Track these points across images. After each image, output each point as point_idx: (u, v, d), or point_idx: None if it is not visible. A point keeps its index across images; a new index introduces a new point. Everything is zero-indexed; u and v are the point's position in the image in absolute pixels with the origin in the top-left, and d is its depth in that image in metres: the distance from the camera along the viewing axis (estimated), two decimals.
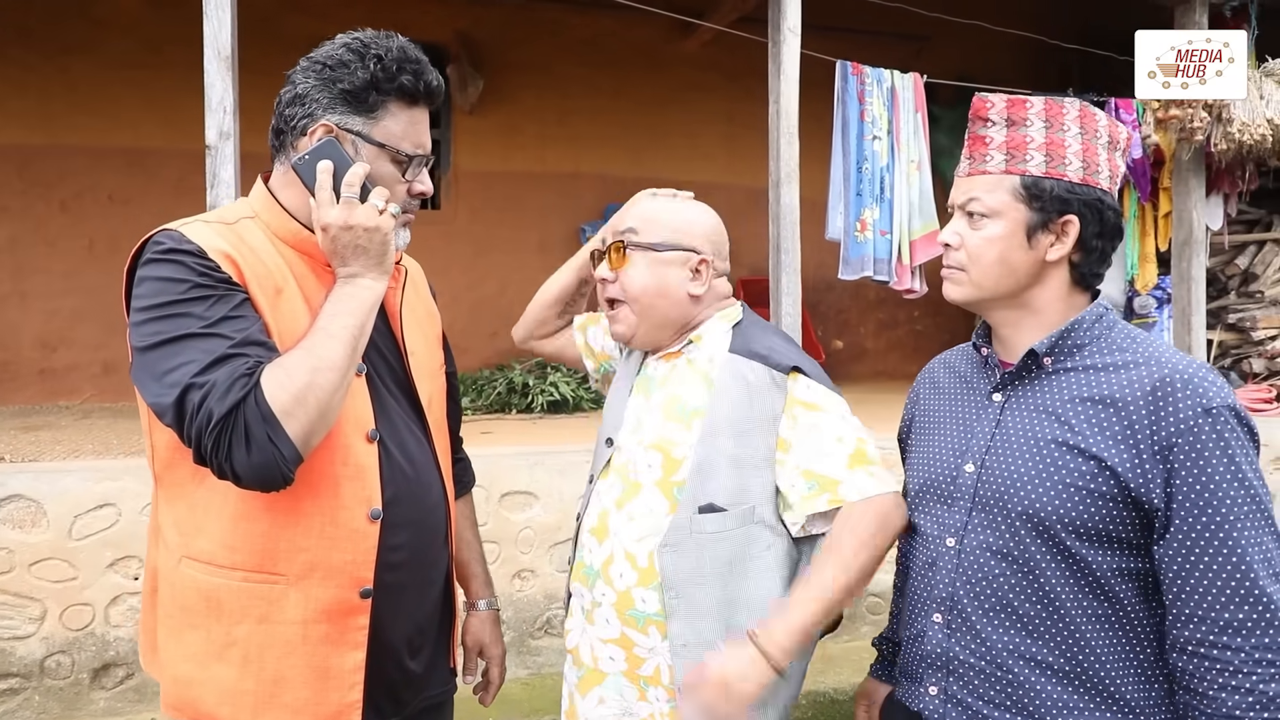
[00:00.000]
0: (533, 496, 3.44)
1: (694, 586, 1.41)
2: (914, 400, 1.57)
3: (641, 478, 1.48)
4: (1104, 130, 1.31)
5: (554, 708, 3.19)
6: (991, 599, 1.28)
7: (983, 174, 1.33)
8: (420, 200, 1.45)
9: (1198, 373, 1.21)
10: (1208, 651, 1.16)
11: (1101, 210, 1.29)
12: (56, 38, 5.14)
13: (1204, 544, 1.16)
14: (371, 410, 1.37)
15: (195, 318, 1.21)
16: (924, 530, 1.40)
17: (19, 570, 3.01)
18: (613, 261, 1.56)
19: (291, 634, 1.30)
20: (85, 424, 4.41)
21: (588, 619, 1.52)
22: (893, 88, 4.23)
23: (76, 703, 3.06)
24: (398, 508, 1.38)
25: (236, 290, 1.26)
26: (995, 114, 1.34)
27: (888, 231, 4.19)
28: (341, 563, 1.32)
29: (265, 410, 1.16)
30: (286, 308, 1.31)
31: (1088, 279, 1.33)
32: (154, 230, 1.32)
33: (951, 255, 1.36)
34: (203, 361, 1.18)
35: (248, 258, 1.30)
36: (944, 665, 1.33)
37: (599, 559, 1.50)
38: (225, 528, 1.29)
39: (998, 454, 1.31)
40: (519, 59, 5.75)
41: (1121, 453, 1.21)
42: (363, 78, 1.32)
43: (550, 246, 6.02)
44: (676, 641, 1.41)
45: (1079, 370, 1.29)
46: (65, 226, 5.26)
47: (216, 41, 3.11)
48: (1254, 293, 5.41)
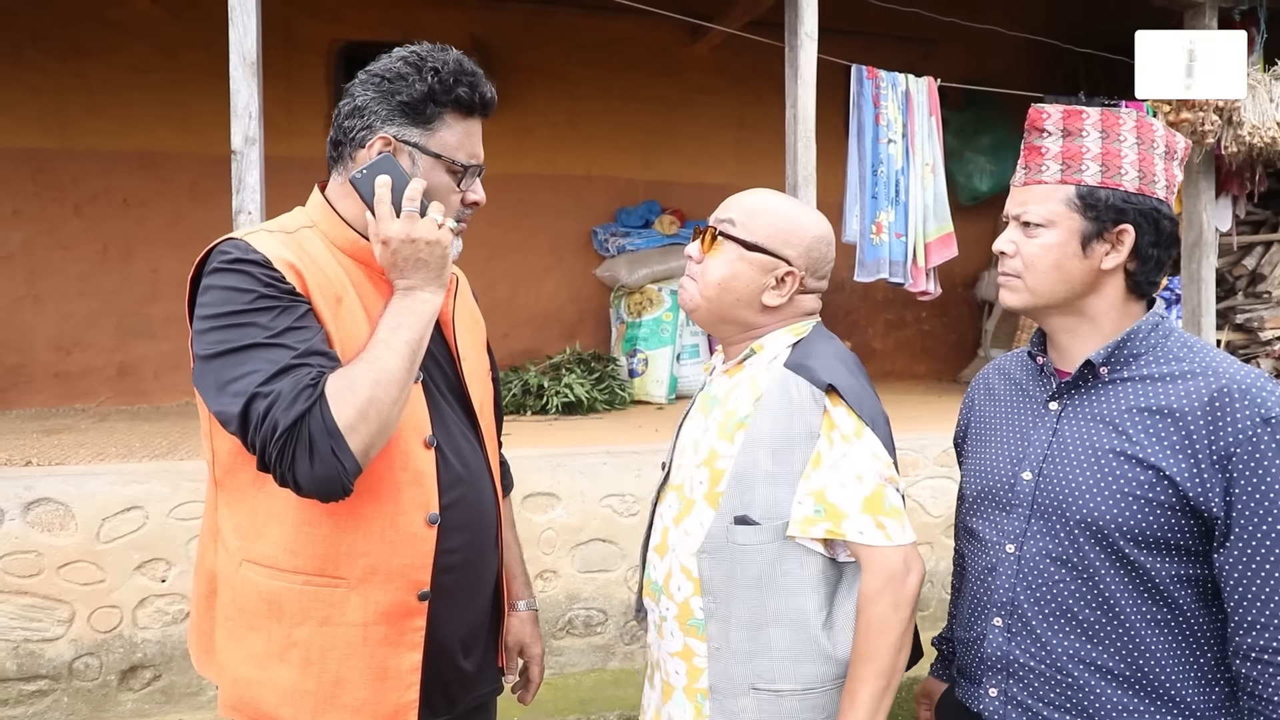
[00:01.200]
0: (555, 498, 3.47)
1: (728, 594, 1.42)
2: (969, 406, 1.58)
3: (694, 494, 1.49)
4: (1160, 140, 1.32)
5: (577, 707, 3.22)
6: (1051, 604, 1.30)
7: (1039, 183, 1.34)
8: (474, 210, 1.47)
9: (1255, 382, 1.22)
10: (1271, 658, 1.17)
11: (1158, 219, 1.30)
12: (71, 41, 5.16)
13: (1265, 551, 1.17)
14: (429, 417, 1.40)
15: (260, 328, 1.24)
16: (983, 536, 1.42)
17: (48, 573, 3.03)
18: (705, 245, 1.52)
19: (352, 636, 1.33)
20: (105, 427, 4.43)
21: (659, 633, 1.55)
22: (907, 91, 4.26)
23: (104, 704, 3.08)
24: (454, 512, 1.41)
25: (300, 301, 1.29)
26: (1051, 124, 1.34)
27: (903, 234, 4.22)
28: (401, 566, 1.35)
29: (330, 424, 1.19)
30: (347, 316, 1.34)
31: (1144, 287, 1.34)
32: (219, 239, 1.34)
33: (1007, 263, 1.37)
34: (268, 371, 1.21)
35: (310, 267, 1.33)
36: (1004, 668, 1.35)
37: (661, 574, 1.53)
38: (287, 532, 1.32)
39: (1055, 462, 1.33)
40: (531, 62, 5.77)
41: (1180, 462, 1.22)
42: (420, 90, 1.35)
43: (562, 249, 6.04)
44: (712, 644, 1.44)
45: (1136, 380, 1.30)
46: (79, 230, 5.27)
47: (241, 47, 3.13)
48: (1261, 293, 5.44)
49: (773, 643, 1.40)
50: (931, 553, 3.95)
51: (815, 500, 1.37)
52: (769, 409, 1.42)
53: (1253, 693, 1.20)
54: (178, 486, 3.14)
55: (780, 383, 1.43)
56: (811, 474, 1.38)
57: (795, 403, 1.41)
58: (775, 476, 1.39)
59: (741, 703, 1.41)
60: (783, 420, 1.41)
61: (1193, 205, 4.63)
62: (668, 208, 5.97)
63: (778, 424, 1.41)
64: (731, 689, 1.42)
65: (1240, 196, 5.01)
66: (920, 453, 3.96)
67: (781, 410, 1.41)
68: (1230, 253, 5.48)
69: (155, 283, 5.37)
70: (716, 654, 1.43)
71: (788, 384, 1.43)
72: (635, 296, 5.57)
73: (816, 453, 1.39)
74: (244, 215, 3.12)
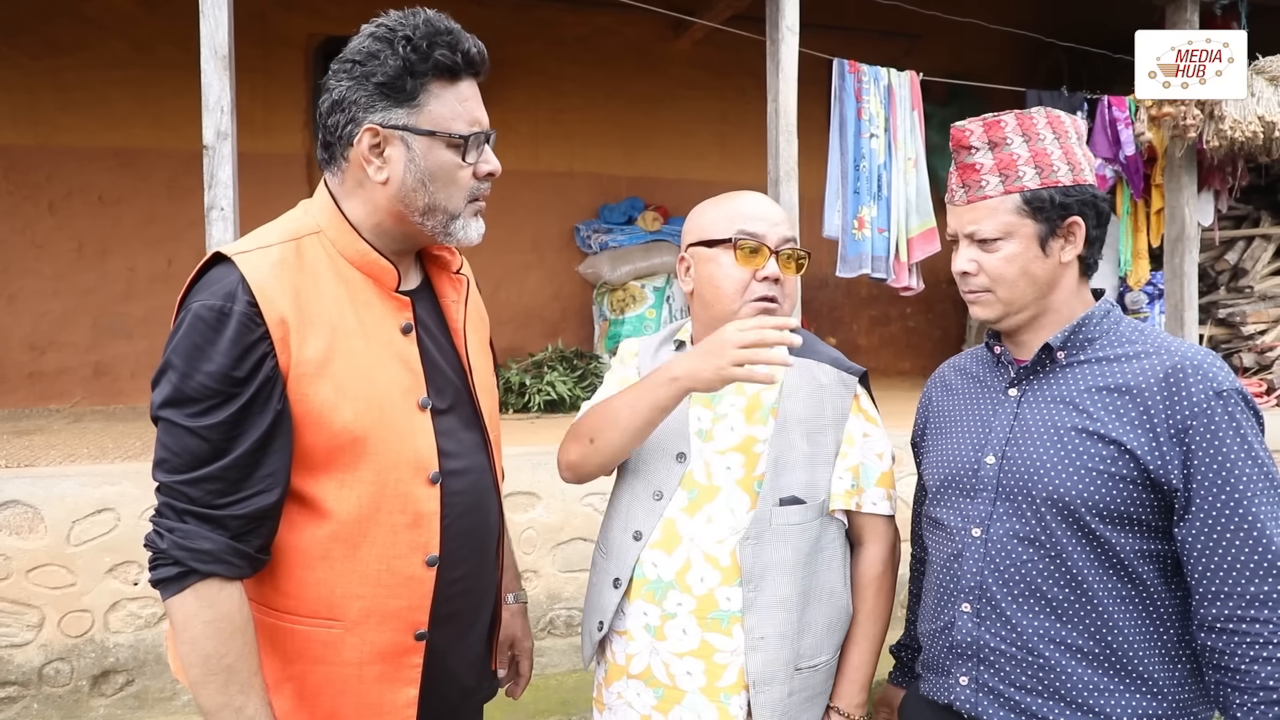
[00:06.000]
0: (535, 497, 3.43)
1: (772, 579, 1.44)
2: (926, 404, 1.61)
3: (719, 480, 1.49)
4: (1070, 128, 1.37)
5: (559, 708, 3.18)
6: (1020, 585, 1.32)
7: (982, 199, 1.36)
8: (491, 181, 1.34)
9: (1206, 359, 1.26)
10: (1236, 626, 1.19)
11: (1096, 204, 1.36)
12: (45, 37, 5.08)
13: (1224, 521, 1.20)
14: (435, 448, 1.31)
15: (199, 437, 1.16)
16: (947, 523, 1.43)
17: (16, 577, 2.97)
18: (791, 269, 1.55)
19: (347, 674, 1.29)
20: (78, 428, 4.36)
21: (657, 635, 1.50)
22: (889, 85, 4.24)
23: (76, 710, 3.03)
24: (459, 544, 1.35)
25: (254, 394, 1.17)
26: (976, 140, 1.38)
27: (885, 229, 4.20)
28: (397, 609, 1.29)
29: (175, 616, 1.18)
30: (344, 345, 1.25)
31: (1091, 269, 1.40)
32: (214, 260, 1.23)
33: (971, 281, 1.39)
34: (177, 490, 1.16)
35: (305, 302, 1.23)
36: (974, 654, 1.36)
37: (670, 570, 1.49)
38: (282, 575, 1.27)
39: (1018, 444, 1.35)
40: (512, 57, 5.72)
41: (1139, 436, 1.25)
42: (395, 65, 1.22)
43: (544, 246, 6.00)
44: (753, 634, 1.44)
45: (1092, 362, 1.34)
46: (54, 228, 5.19)
47: (213, 41, 3.08)
48: (1243, 288, 5.45)
49: (814, 620, 1.48)
50: None
51: (852, 475, 1.51)
52: (797, 393, 1.51)
53: (1218, 664, 1.21)
54: (150, 488, 3.05)
55: (802, 370, 1.52)
56: (848, 452, 1.51)
57: (825, 387, 1.53)
58: (811, 457, 1.48)
59: (788, 687, 1.45)
60: (813, 403, 1.51)
61: (1175, 200, 4.63)
62: (650, 204, 5.94)
63: (808, 406, 1.50)
64: (776, 676, 1.44)
65: (1222, 191, 5.02)
66: (905, 449, 3.93)
67: (812, 393, 1.51)
68: (1212, 248, 5.48)
69: (131, 281, 5.30)
70: (759, 644, 1.43)
71: (812, 370, 1.53)
72: (618, 293, 5.54)
73: (848, 433, 1.52)
74: (216, 211, 3.06)
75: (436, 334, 1.39)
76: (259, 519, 1.19)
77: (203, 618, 1.16)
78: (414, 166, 1.25)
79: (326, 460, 1.24)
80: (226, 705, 1.17)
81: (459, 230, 1.31)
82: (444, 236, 1.31)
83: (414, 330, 1.33)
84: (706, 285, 1.54)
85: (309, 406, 1.21)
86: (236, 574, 1.18)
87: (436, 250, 1.42)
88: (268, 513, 1.20)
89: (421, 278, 1.42)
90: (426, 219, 1.28)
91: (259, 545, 1.21)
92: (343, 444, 1.23)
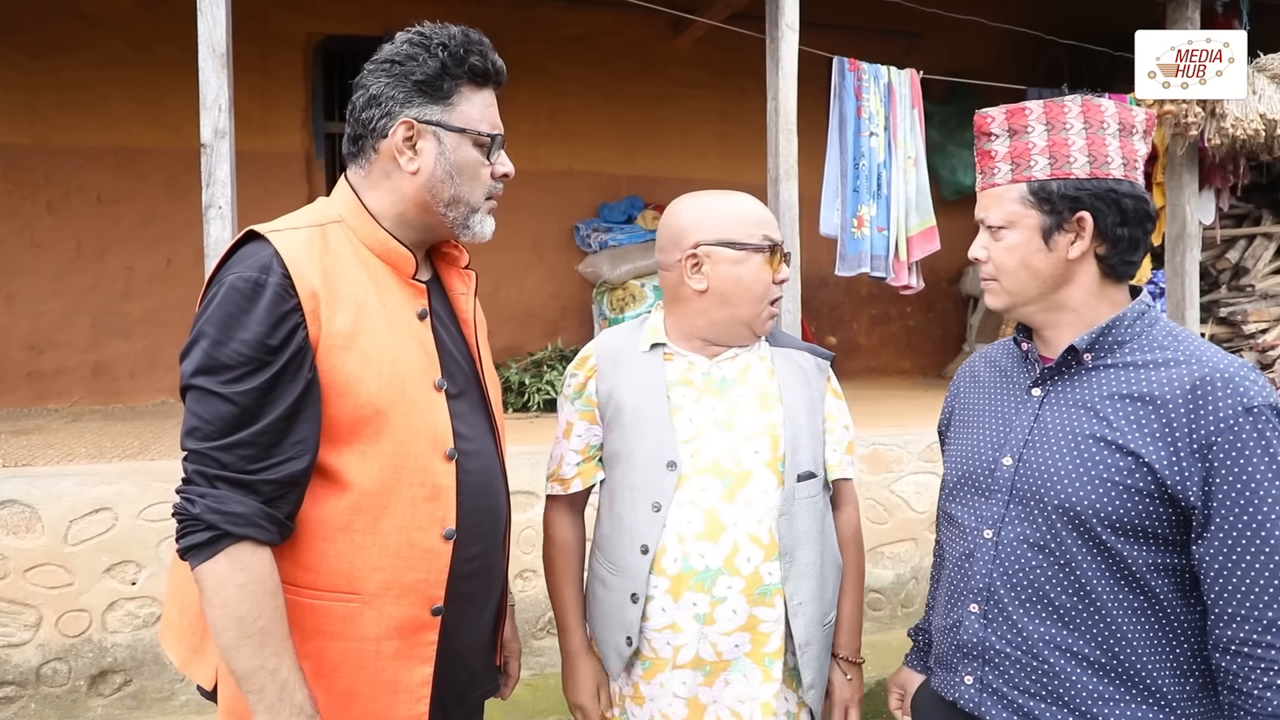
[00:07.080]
0: (534, 496, 3.42)
1: (800, 548, 1.57)
2: (954, 394, 1.58)
3: (748, 464, 1.57)
4: (1111, 119, 1.31)
5: (557, 708, 3.17)
6: (1028, 590, 1.29)
7: (993, 186, 1.36)
8: (504, 183, 1.45)
9: (1239, 371, 1.20)
10: (1251, 651, 1.15)
11: (1118, 199, 1.29)
12: (43, 35, 5.07)
13: (1245, 543, 1.16)
14: (451, 428, 1.37)
15: (232, 403, 1.20)
16: (961, 521, 1.41)
17: (14, 576, 2.97)
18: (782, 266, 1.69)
19: (364, 650, 1.31)
20: (76, 427, 4.35)
21: (706, 621, 1.54)
22: (889, 84, 4.23)
23: (74, 710, 3.02)
24: (473, 522, 1.39)
25: (286, 362, 1.22)
26: (997, 127, 1.36)
27: (885, 228, 4.19)
28: (415, 582, 1.33)
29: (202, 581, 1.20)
30: (368, 323, 1.31)
31: (1119, 270, 1.33)
32: (249, 235, 1.29)
33: (983, 268, 1.39)
34: (209, 456, 1.20)
35: (333, 280, 1.29)
36: (980, 655, 1.35)
37: (718, 558, 1.53)
38: (303, 548, 1.29)
39: (1035, 448, 1.32)
40: (512, 56, 5.64)
41: (1159, 449, 1.21)
42: (433, 66, 1.34)
43: (544, 245, 5.99)
44: (793, 601, 1.56)
45: (1119, 367, 1.29)
46: (52, 228, 5.18)
47: (211, 38, 3.07)
48: (1244, 287, 5.44)
49: (829, 580, 1.63)
50: (916, 549, 3.92)
51: (844, 449, 1.70)
52: (789, 380, 1.65)
53: (1232, 686, 1.18)
54: (147, 487, 3.08)
55: (785, 357, 1.68)
56: (833, 427, 1.69)
57: (807, 371, 1.69)
58: (814, 434, 1.63)
59: (821, 644, 1.61)
60: (802, 386, 1.66)
61: (1176, 198, 4.62)
62: (650, 203, 5.93)
63: (800, 390, 1.65)
64: (814, 636, 1.59)
65: (1224, 190, 5.00)
66: (904, 448, 3.93)
67: (798, 378, 1.66)
68: (1214, 246, 5.47)
69: (130, 280, 5.29)
70: (799, 609, 1.56)
71: (794, 357, 1.69)
72: (618, 292, 5.52)
73: (829, 411, 1.69)
74: (214, 210, 3.05)
75: (448, 323, 1.47)
76: (289, 484, 1.23)
77: (236, 580, 1.18)
78: (444, 160, 1.36)
79: (350, 431, 1.28)
80: (261, 668, 1.19)
81: (476, 224, 1.42)
82: (462, 229, 1.41)
83: (429, 317, 1.41)
84: (733, 287, 1.59)
85: (336, 378, 1.27)
86: (268, 539, 1.22)
87: (446, 247, 1.51)
88: (297, 479, 1.24)
89: (431, 273, 1.50)
90: (450, 210, 1.38)
91: (288, 511, 1.25)
92: (366, 415, 1.28)
